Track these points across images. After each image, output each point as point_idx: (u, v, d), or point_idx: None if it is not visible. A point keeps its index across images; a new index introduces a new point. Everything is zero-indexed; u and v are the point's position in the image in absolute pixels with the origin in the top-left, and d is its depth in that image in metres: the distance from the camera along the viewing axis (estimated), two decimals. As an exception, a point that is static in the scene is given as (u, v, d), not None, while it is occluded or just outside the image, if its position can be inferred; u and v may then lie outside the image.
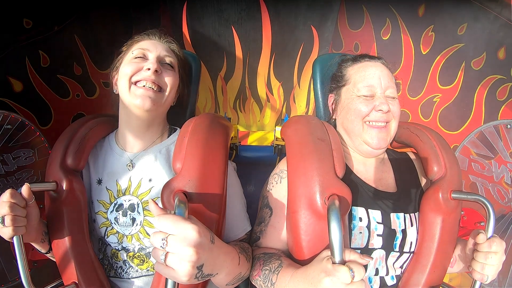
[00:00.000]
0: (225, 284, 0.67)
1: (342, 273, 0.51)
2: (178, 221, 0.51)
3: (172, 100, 0.85)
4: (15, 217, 0.62)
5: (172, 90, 0.81)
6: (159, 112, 0.81)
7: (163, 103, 0.80)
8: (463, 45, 1.40)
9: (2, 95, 1.11)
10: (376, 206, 0.76)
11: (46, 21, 1.16)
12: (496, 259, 0.65)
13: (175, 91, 0.84)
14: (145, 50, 0.79)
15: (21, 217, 0.64)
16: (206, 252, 0.53)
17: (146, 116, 0.79)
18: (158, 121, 0.84)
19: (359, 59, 0.85)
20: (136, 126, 0.81)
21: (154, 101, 0.75)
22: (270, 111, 1.87)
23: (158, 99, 0.77)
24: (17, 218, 0.63)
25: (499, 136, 1.26)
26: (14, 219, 0.62)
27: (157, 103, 0.76)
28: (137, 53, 0.79)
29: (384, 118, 0.77)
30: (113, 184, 0.79)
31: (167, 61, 0.82)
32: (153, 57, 0.78)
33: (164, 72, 0.79)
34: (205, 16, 1.48)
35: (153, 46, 0.81)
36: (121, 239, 0.77)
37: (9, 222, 0.61)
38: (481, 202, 0.68)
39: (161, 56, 0.81)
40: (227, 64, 1.65)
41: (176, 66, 0.84)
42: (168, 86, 0.79)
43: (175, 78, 0.82)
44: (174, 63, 0.83)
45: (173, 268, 0.49)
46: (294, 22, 1.52)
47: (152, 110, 0.77)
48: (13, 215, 0.62)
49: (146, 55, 0.79)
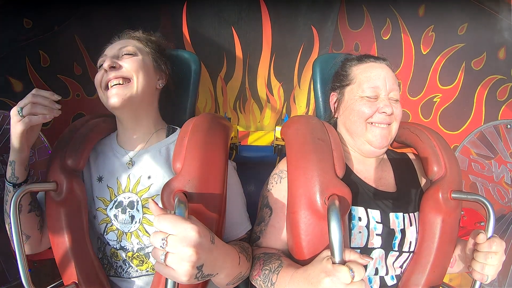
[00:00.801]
0: (226, 284, 0.67)
1: (342, 273, 0.51)
2: (178, 221, 0.51)
3: (149, 85, 0.81)
4: (35, 104, 0.66)
5: (139, 74, 0.77)
6: (136, 102, 0.79)
7: (136, 91, 0.77)
8: (463, 45, 1.40)
9: (2, 95, 1.11)
10: (375, 205, 0.76)
11: (46, 21, 1.16)
12: (496, 259, 0.65)
13: (145, 74, 0.79)
14: (103, 57, 0.80)
15: (41, 106, 0.67)
16: (206, 252, 0.53)
17: (126, 112, 0.79)
18: (144, 113, 0.83)
19: (365, 59, 0.84)
20: (125, 123, 0.82)
21: (123, 95, 0.75)
22: (270, 112, 1.86)
23: (127, 90, 0.76)
24: (37, 106, 0.66)
25: (499, 136, 1.26)
26: (34, 106, 0.66)
27: (126, 96, 0.76)
28: (99, 63, 0.81)
29: (387, 120, 0.77)
30: (113, 181, 0.80)
31: (125, 52, 0.80)
32: (107, 59, 0.77)
33: (123, 62, 0.77)
34: (205, 17, 1.48)
35: (108, 50, 0.81)
36: (120, 237, 0.77)
37: (27, 110, 0.66)
38: (481, 202, 0.68)
39: (115, 53, 0.79)
40: (227, 65, 1.65)
41: (137, 51, 0.81)
42: (131, 71, 0.77)
43: (137, 61, 0.79)
44: (133, 50, 0.81)
45: (172, 268, 0.49)
46: (294, 22, 1.51)
47: (126, 104, 0.76)
48: (33, 103, 0.66)
49: (104, 60, 0.78)
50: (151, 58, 0.84)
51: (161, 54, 0.87)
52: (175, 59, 1.00)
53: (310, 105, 1.84)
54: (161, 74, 0.87)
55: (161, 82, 0.87)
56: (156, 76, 0.85)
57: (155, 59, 0.84)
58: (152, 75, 0.83)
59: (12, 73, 1.13)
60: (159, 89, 0.87)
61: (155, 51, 0.85)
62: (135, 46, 0.82)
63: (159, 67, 0.85)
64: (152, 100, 0.85)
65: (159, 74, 0.86)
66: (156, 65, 0.84)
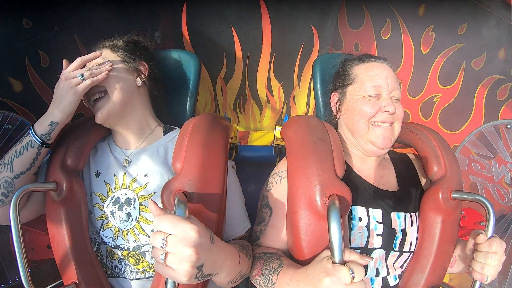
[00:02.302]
0: (227, 283, 0.67)
1: (342, 273, 0.51)
2: (177, 221, 0.51)
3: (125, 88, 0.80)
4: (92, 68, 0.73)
5: (109, 83, 0.77)
6: (118, 109, 0.79)
7: (113, 100, 0.77)
8: (463, 45, 1.40)
9: (2, 95, 1.11)
10: (377, 205, 0.76)
11: (46, 21, 1.16)
12: (496, 259, 0.65)
13: (116, 80, 0.79)
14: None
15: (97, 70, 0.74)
16: (206, 252, 0.53)
17: (112, 121, 0.80)
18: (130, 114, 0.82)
19: (366, 59, 0.84)
20: (116, 127, 0.83)
21: (102, 108, 0.77)
22: (270, 112, 1.86)
23: (105, 102, 0.78)
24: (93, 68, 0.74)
25: (499, 136, 1.26)
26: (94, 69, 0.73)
27: (105, 109, 0.77)
28: None
29: (389, 119, 0.77)
30: (111, 177, 0.80)
31: (95, 64, 0.79)
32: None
33: (94, 74, 0.76)
34: (205, 17, 1.48)
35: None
36: (116, 234, 0.77)
37: (89, 73, 0.73)
38: (481, 202, 0.68)
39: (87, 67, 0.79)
40: (227, 65, 1.65)
41: (106, 58, 0.81)
42: (102, 84, 0.77)
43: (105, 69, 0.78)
44: (100, 61, 0.79)
45: (172, 268, 0.50)
46: (295, 22, 1.51)
47: (109, 116, 0.78)
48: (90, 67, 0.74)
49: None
50: (121, 60, 0.82)
51: (132, 51, 0.85)
52: (175, 59, 1.00)
53: (310, 105, 1.84)
54: (138, 71, 0.84)
55: (141, 78, 0.85)
56: (132, 75, 0.83)
57: (125, 60, 0.83)
58: (126, 77, 0.81)
59: (12, 73, 1.13)
60: (141, 85, 0.85)
61: (124, 52, 0.84)
62: (102, 56, 0.80)
63: (132, 65, 0.83)
64: (135, 99, 0.83)
65: (135, 71, 0.84)
66: (127, 64, 0.82)
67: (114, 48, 0.84)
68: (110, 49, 0.83)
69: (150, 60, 0.89)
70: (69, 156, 0.77)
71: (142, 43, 0.90)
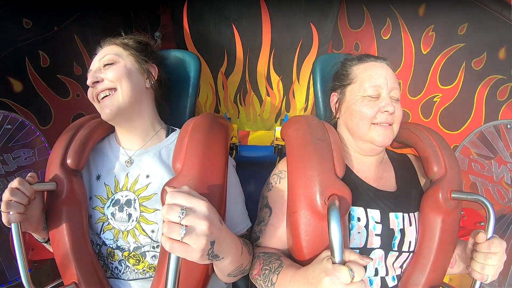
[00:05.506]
0: (227, 274, 0.68)
1: (342, 273, 0.51)
2: (191, 196, 0.53)
3: (136, 88, 0.80)
4: (12, 203, 0.64)
5: (121, 81, 0.77)
6: (126, 108, 0.79)
7: (123, 98, 0.78)
8: (464, 45, 1.40)
9: (2, 95, 1.11)
10: (375, 205, 0.76)
11: (46, 21, 1.16)
12: (496, 259, 0.65)
13: (128, 79, 0.79)
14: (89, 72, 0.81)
15: (20, 204, 0.65)
16: (216, 229, 0.55)
17: (119, 119, 0.79)
18: (137, 114, 0.82)
19: (365, 58, 0.84)
20: (121, 127, 0.83)
21: (112, 105, 0.76)
22: (270, 105, 1.88)
23: (114, 100, 0.77)
24: (13, 204, 0.64)
25: (499, 136, 1.26)
26: (9, 205, 0.63)
27: (114, 106, 0.77)
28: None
29: (389, 120, 0.77)
30: (111, 179, 0.80)
31: (105, 62, 0.80)
32: (89, 75, 0.79)
33: (104, 74, 0.78)
34: (205, 14, 1.48)
35: (92, 63, 0.82)
36: (116, 236, 0.77)
37: (4, 207, 0.63)
38: (481, 202, 0.68)
39: (96, 66, 0.80)
40: (228, 60, 1.66)
41: (117, 57, 0.81)
42: (114, 81, 0.77)
43: (117, 69, 0.78)
44: (112, 58, 0.80)
45: (189, 243, 0.50)
46: (294, 19, 1.52)
47: (117, 114, 0.77)
48: (9, 201, 0.64)
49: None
50: (134, 60, 0.83)
51: (144, 52, 0.86)
52: (175, 59, 1.00)
53: (309, 100, 1.84)
54: (148, 73, 0.85)
55: (150, 80, 0.85)
56: (142, 76, 0.83)
57: (138, 60, 0.83)
58: (138, 77, 0.82)
59: (12, 73, 1.13)
60: (149, 87, 0.85)
61: (136, 52, 0.84)
62: (114, 53, 0.81)
63: (144, 66, 0.84)
64: (143, 100, 0.84)
65: (146, 73, 0.84)
66: (140, 65, 0.83)
67: (125, 46, 0.84)
68: (122, 47, 0.83)
69: (160, 64, 0.90)
70: (69, 156, 0.77)
71: (151, 46, 0.91)
